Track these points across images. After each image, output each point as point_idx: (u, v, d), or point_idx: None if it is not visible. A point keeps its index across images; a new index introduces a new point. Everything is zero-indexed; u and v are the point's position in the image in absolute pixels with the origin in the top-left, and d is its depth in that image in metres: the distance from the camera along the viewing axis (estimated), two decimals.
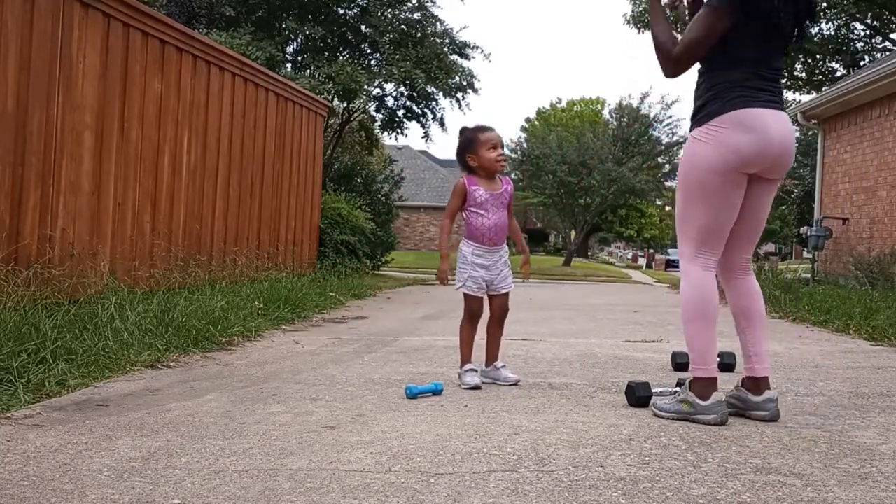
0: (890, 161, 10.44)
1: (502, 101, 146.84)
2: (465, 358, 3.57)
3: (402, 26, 14.69)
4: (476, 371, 3.52)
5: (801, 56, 22.58)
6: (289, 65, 15.11)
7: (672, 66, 2.93)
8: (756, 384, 2.93)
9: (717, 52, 2.85)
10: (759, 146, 2.79)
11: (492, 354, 3.64)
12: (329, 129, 15.32)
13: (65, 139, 5.11)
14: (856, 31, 22.73)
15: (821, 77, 23.25)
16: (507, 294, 3.62)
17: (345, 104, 15.63)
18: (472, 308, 3.59)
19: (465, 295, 3.58)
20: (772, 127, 2.81)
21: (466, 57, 15.21)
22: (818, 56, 22.79)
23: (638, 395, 3.09)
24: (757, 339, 2.98)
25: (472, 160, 3.55)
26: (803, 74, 23.06)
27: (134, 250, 5.94)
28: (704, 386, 2.84)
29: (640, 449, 2.45)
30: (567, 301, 9.63)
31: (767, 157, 2.82)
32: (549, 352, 4.67)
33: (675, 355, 4.08)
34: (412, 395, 3.20)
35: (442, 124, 15.86)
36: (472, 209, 3.54)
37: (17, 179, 4.69)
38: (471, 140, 3.55)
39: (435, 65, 14.21)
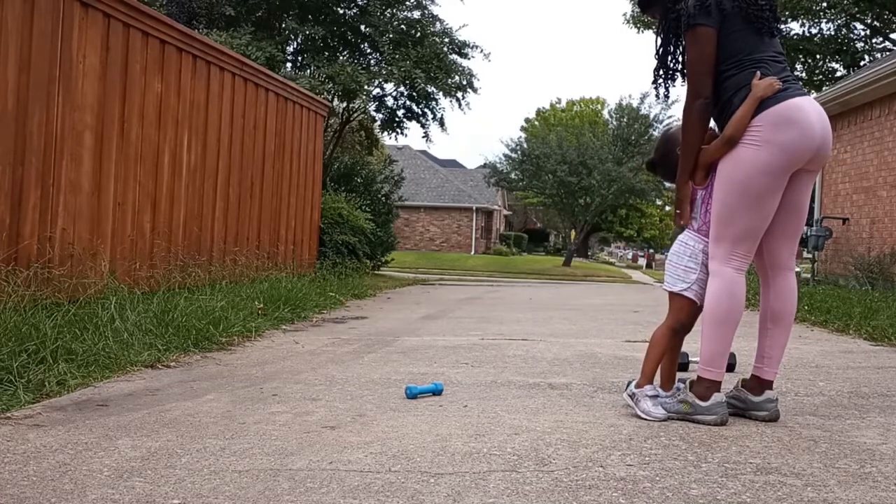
0: (890, 161, 10.44)
1: (502, 101, 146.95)
2: (650, 376, 2.93)
3: (402, 26, 14.69)
4: (658, 396, 2.93)
5: (801, 56, 22.58)
6: (289, 65, 15.11)
7: (697, 99, 2.84)
8: (759, 384, 2.92)
9: (727, 57, 2.81)
10: (803, 139, 2.73)
11: (673, 374, 3.04)
12: (329, 129, 15.32)
13: (65, 139, 5.11)
14: (856, 31, 22.73)
15: (821, 77, 23.25)
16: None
17: (345, 104, 15.63)
18: (683, 318, 2.95)
19: (682, 302, 2.95)
20: (812, 116, 2.76)
21: (466, 56, 15.21)
22: (818, 56, 22.79)
23: None
24: (777, 344, 2.94)
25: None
26: (803, 74, 23.05)
27: (134, 250, 5.94)
28: (707, 387, 2.83)
29: (640, 449, 2.45)
30: (567, 301, 9.64)
31: (811, 149, 2.76)
32: (549, 352, 4.66)
33: None
34: (412, 396, 3.19)
35: (442, 124, 15.86)
36: (711, 193, 2.92)
37: (17, 179, 4.69)
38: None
39: (435, 64, 14.20)
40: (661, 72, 3.08)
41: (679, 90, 3.68)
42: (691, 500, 1.97)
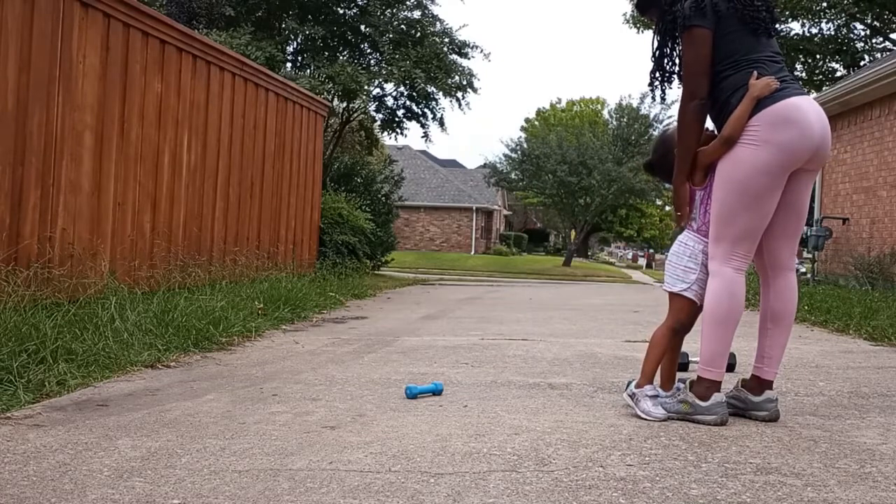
0: (890, 161, 10.44)
1: (502, 101, 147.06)
2: (650, 376, 2.93)
3: (402, 26, 14.70)
4: (658, 396, 2.93)
5: (801, 56, 22.58)
6: (289, 65, 15.11)
7: (693, 100, 2.84)
8: (759, 384, 2.93)
9: (724, 57, 2.81)
10: (801, 139, 2.72)
11: (673, 374, 3.04)
12: (329, 129, 15.31)
13: (65, 139, 5.11)
14: (856, 31, 22.74)
15: (821, 77, 23.25)
16: None
17: (345, 104, 15.63)
18: (683, 319, 2.96)
19: (682, 302, 2.95)
20: (811, 115, 2.76)
21: (466, 56, 15.21)
22: (818, 56, 22.79)
23: None
24: (777, 344, 2.94)
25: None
26: (803, 74, 23.06)
27: (134, 250, 5.94)
28: (707, 387, 2.83)
29: (640, 449, 2.45)
30: (567, 301, 9.64)
31: (810, 149, 2.75)
32: (549, 352, 4.66)
33: None
34: (412, 396, 3.20)
35: (441, 124, 15.86)
36: (709, 193, 2.92)
37: (17, 179, 4.69)
38: None
39: (434, 64, 14.20)
40: (657, 74, 3.09)
41: (677, 91, 3.68)
42: (691, 500, 1.97)
